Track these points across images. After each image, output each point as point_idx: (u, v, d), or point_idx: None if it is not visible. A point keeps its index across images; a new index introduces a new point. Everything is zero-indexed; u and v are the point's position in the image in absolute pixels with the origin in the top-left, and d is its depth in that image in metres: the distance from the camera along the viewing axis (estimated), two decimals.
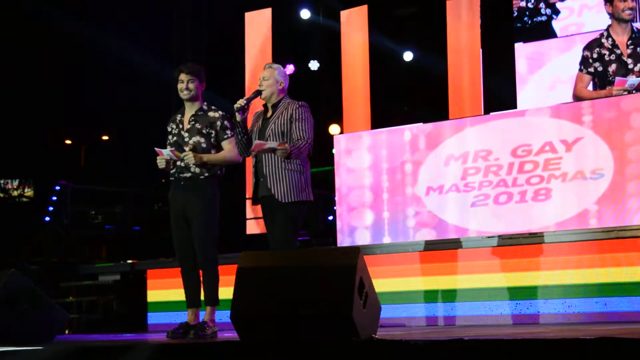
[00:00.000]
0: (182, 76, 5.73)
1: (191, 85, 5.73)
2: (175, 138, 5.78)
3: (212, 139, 5.74)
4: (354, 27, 10.13)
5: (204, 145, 5.70)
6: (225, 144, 5.73)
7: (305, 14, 12.07)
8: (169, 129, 5.84)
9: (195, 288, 5.75)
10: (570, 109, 6.51)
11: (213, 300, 5.68)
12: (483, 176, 6.82)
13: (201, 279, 5.73)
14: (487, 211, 6.79)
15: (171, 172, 5.77)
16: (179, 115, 5.86)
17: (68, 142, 18.62)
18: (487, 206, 6.80)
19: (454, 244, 6.67)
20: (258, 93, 5.55)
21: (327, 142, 8.85)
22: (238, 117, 5.46)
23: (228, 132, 5.73)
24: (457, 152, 6.96)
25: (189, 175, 5.68)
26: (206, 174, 5.68)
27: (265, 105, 5.63)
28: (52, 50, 14.29)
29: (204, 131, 5.71)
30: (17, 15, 13.25)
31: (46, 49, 14.34)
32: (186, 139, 5.73)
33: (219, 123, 5.73)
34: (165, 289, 8.31)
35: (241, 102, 5.44)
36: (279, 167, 5.41)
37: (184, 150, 5.67)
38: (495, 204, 6.76)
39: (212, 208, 5.69)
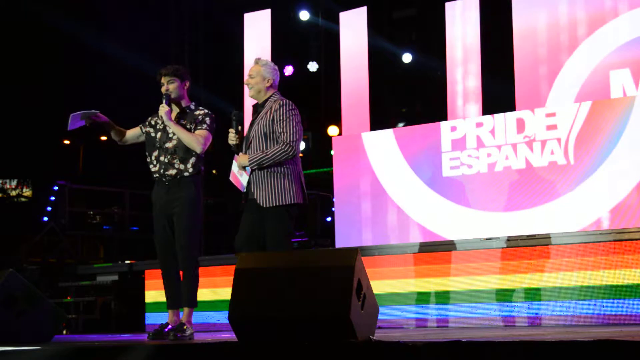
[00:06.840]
0: (162, 79, 5.68)
1: (171, 87, 5.68)
2: (159, 133, 5.74)
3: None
4: (353, 28, 10.12)
5: None
6: (197, 131, 5.63)
7: (304, 15, 12.07)
8: (152, 122, 5.79)
9: (177, 289, 5.71)
10: None
11: (192, 301, 5.64)
12: (485, 172, 6.83)
13: (181, 279, 5.69)
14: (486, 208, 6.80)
15: (154, 170, 5.70)
16: None
17: (66, 142, 18.62)
18: (487, 203, 6.81)
19: (453, 246, 6.67)
20: (237, 114, 5.44)
21: (326, 143, 8.85)
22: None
23: (205, 125, 5.65)
24: (458, 150, 6.97)
25: (173, 172, 5.62)
26: (190, 171, 5.64)
27: (254, 106, 5.50)
28: (51, 50, 14.30)
29: (188, 126, 5.67)
30: (16, 15, 13.25)
31: (45, 49, 14.34)
32: (170, 135, 5.68)
33: (200, 117, 5.66)
34: (163, 290, 8.35)
35: (233, 138, 5.38)
36: (261, 171, 5.28)
37: (166, 148, 5.64)
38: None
39: (196, 209, 5.64)
